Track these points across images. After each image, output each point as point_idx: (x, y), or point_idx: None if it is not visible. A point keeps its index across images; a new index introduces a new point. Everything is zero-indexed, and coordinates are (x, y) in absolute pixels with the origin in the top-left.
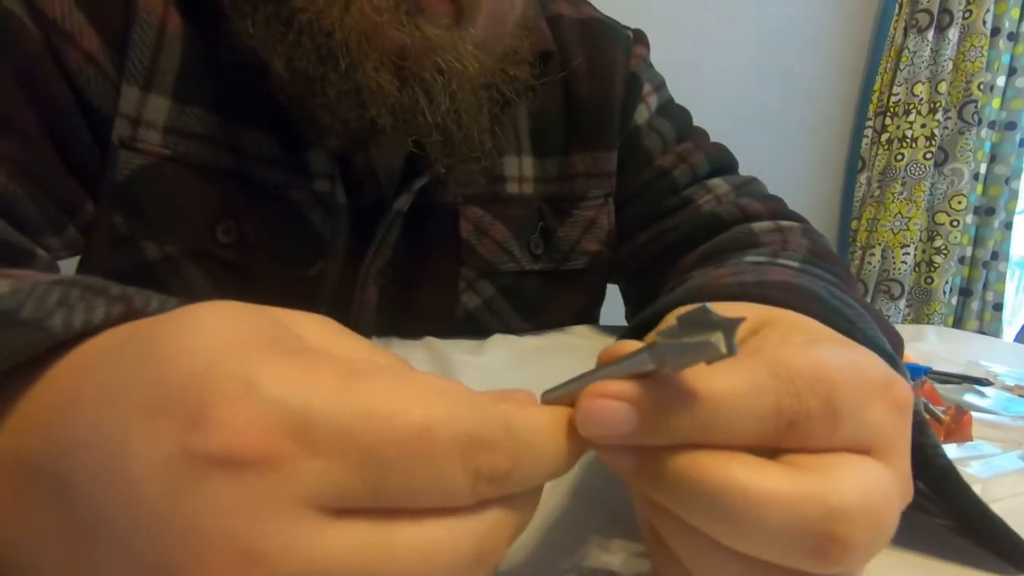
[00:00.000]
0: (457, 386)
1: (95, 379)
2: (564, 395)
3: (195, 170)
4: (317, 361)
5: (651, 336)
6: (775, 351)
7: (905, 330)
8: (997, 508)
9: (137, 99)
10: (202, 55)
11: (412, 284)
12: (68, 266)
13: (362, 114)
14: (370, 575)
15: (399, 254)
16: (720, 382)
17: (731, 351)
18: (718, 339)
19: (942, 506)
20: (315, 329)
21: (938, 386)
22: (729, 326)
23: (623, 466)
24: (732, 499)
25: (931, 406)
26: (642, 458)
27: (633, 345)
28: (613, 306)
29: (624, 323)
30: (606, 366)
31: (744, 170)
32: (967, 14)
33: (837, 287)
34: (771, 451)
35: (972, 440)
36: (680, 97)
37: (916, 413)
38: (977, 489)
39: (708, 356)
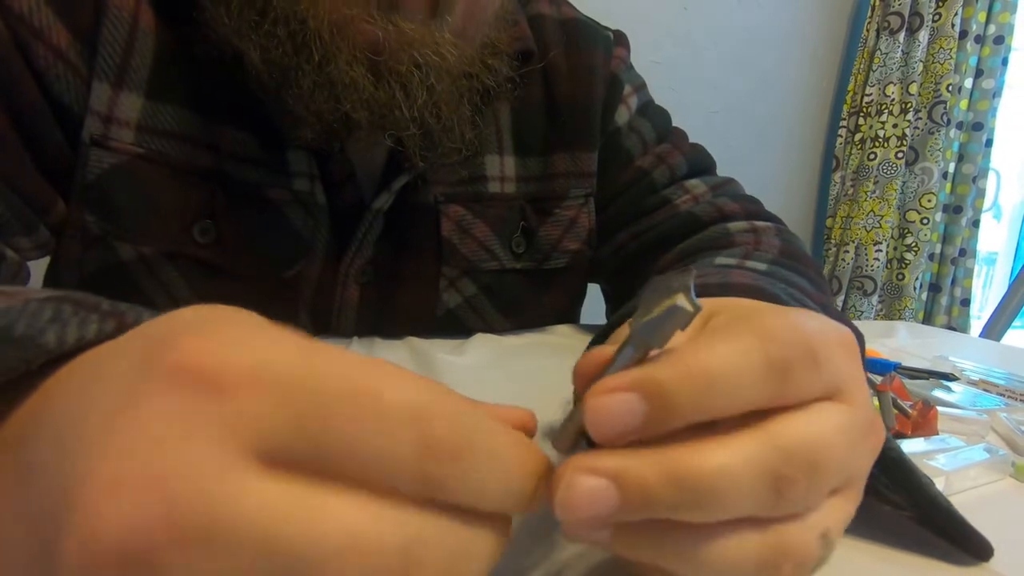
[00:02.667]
0: (430, 382)
1: (70, 389)
2: (567, 430)
3: (170, 169)
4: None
5: (623, 331)
6: (748, 319)
7: (876, 326)
8: (961, 499)
9: (108, 96)
10: (176, 51)
11: (393, 283)
12: (39, 266)
13: (336, 107)
14: (276, 543)
15: (380, 253)
16: (709, 354)
17: (696, 307)
18: (682, 300)
19: (902, 497)
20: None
21: (907, 381)
22: (684, 283)
23: (597, 536)
24: (706, 484)
25: (899, 401)
26: (623, 506)
27: (607, 350)
28: (593, 305)
29: (604, 322)
30: (597, 376)
31: (721, 169)
32: (936, 17)
33: (799, 288)
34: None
35: (938, 434)
36: (658, 97)
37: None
38: (941, 481)
39: (680, 319)
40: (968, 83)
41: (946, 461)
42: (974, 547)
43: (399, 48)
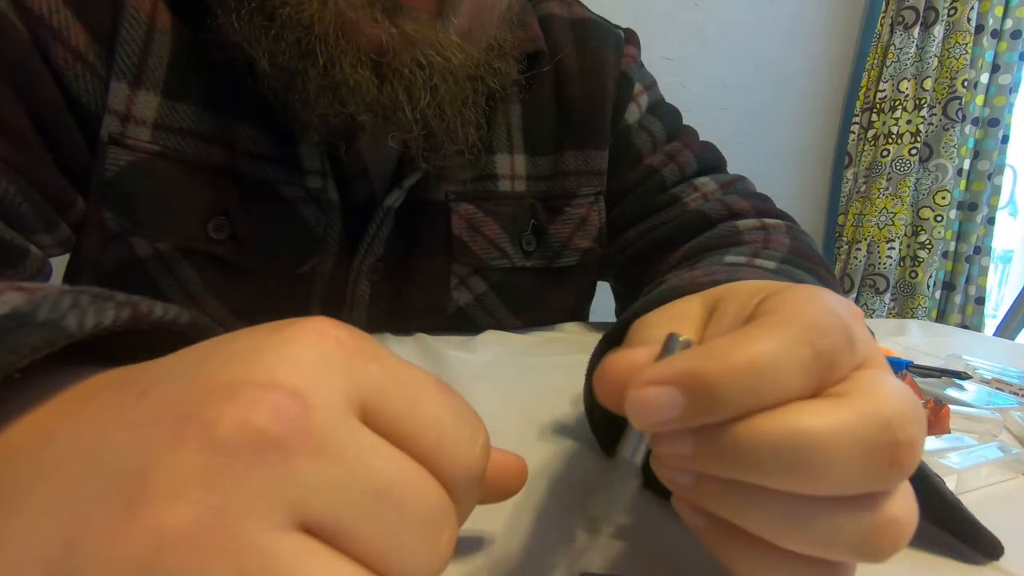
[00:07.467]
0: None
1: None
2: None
3: (186, 166)
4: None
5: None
6: (784, 310)
7: (889, 324)
8: (973, 497)
9: (126, 95)
10: (192, 51)
11: (404, 280)
12: (59, 263)
13: (340, 110)
14: None
15: (392, 250)
16: (757, 346)
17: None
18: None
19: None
20: None
21: (919, 380)
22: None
23: (678, 451)
24: (801, 446)
25: None
26: (700, 441)
27: (628, 353)
28: (603, 303)
29: (614, 320)
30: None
31: (733, 166)
32: (952, 11)
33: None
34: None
35: (951, 432)
36: (669, 93)
37: None
38: (953, 479)
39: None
40: (984, 79)
41: (959, 459)
42: (983, 545)
43: (402, 49)
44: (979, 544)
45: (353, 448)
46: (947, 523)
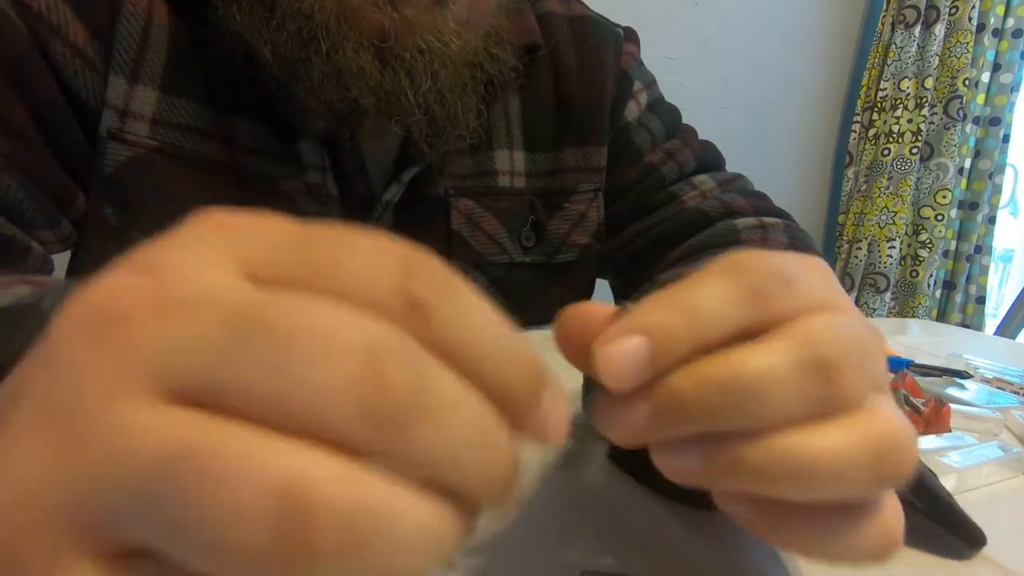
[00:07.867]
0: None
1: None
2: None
3: (185, 162)
4: None
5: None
6: (721, 261)
7: (889, 324)
8: (973, 496)
9: (124, 90)
10: (190, 46)
11: None
12: (61, 260)
13: (344, 95)
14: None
15: None
16: (690, 290)
17: None
18: None
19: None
20: None
21: (919, 379)
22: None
23: (633, 427)
24: (737, 382)
25: (911, 398)
26: (655, 415)
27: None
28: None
29: None
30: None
31: (732, 165)
32: (953, 10)
33: None
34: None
35: (952, 431)
36: (669, 92)
37: None
38: (953, 478)
39: None
40: (985, 77)
41: (959, 458)
42: (967, 534)
43: (403, 34)
44: (963, 532)
45: (208, 294)
46: (931, 512)
